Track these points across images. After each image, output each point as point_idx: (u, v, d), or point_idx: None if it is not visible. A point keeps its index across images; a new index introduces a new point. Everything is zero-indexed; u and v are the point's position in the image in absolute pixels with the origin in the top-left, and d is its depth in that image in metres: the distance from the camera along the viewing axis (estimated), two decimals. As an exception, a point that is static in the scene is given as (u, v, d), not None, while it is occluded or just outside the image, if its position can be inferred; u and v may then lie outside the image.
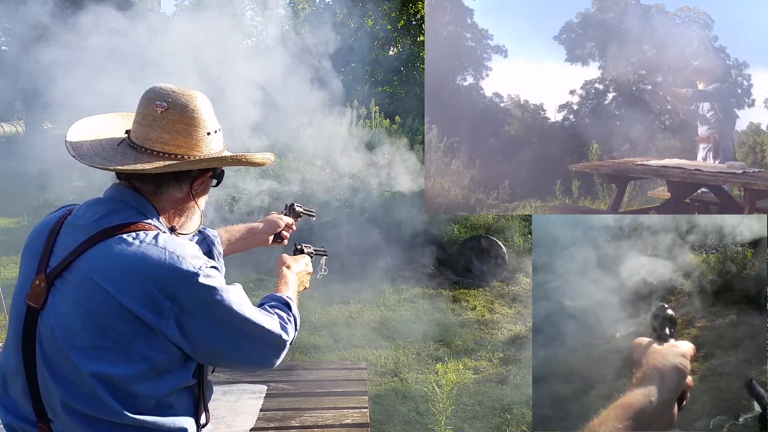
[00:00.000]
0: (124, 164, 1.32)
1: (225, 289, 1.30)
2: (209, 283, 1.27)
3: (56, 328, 1.24)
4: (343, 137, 5.97)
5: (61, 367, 1.25)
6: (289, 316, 1.49)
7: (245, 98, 4.07)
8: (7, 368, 1.33)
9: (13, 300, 1.35)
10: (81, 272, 1.25)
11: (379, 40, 13.94)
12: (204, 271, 1.27)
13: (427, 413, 3.80)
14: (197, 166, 1.37)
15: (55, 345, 1.25)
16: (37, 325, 1.27)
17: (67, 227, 1.33)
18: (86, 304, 1.23)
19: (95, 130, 1.42)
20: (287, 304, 1.53)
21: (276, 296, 1.57)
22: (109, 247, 1.26)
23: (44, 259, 1.29)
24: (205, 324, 1.28)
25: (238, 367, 1.43)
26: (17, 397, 1.32)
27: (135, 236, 1.27)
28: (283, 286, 1.65)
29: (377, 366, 4.73)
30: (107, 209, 1.32)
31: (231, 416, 3.10)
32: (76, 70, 3.75)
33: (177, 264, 1.25)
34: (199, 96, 1.38)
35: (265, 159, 1.48)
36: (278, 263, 1.75)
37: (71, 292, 1.25)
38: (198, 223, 1.48)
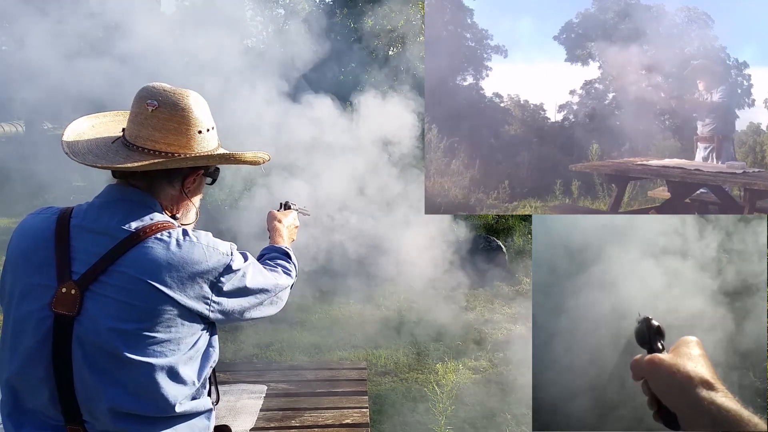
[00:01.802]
0: (115, 162, 1.33)
1: (246, 265, 1.43)
2: (237, 265, 1.39)
3: (104, 332, 1.25)
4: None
5: (110, 369, 1.26)
6: (290, 263, 1.68)
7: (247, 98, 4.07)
8: (23, 382, 1.30)
9: (21, 312, 1.30)
10: (126, 276, 1.26)
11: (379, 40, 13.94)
12: (232, 255, 1.40)
13: (427, 413, 3.80)
14: (185, 164, 1.38)
15: (102, 348, 1.25)
16: (73, 332, 1.26)
17: (79, 232, 1.31)
18: (141, 305, 1.26)
19: (93, 128, 1.44)
20: (286, 253, 1.72)
21: (275, 247, 1.75)
22: (150, 248, 1.29)
23: (64, 266, 1.28)
24: (236, 297, 1.40)
25: (258, 319, 1.58)
26: (39, 407, 1.30)
27: (168, 235, 1.32)
28: (278, 238, 1.83)
29: (377, 366, 4.73)
30: (126, 211, 1.33)
31: (231, 416, 3.10)
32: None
33: (215, 255, 1.35)
34: (191, 95, 1.39)
35: (256, 157, 1.48)
36: (269, 218, 1.92)
37: (118, 296, 1.26)
38: (193, 219, 1.51)
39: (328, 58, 5.73)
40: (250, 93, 4.48)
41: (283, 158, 4.63)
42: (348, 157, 5.03)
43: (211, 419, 1.42)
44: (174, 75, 3.57)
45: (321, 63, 6.02)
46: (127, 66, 4.03)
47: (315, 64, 5.51)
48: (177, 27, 4.75)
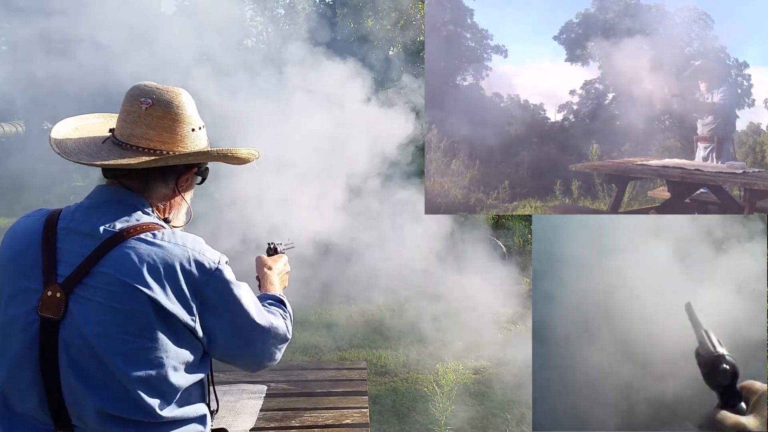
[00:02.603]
0: (110, 160, 1.32)
1: (237, 284, 1.36)
2: (227, 277, 1.33)
3: (89, 336, 1.23)
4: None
5: (95, 373, 1.24)
6: (285, 312, 1.56)
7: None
8: (11, 387, 1.29)
9: (8, 316, 1.29)
10: (108, 277, 1.24)
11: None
12: (222, 265, 1.34)
13: (426, 413, 3.80)
14: (183, 161, 1.38)
15: (86, 352, 1.24)
16: (58, 336, 1.24)
17: (66, 234, 1.30)
18: (121, 307, 1.23)
19: (77, 130, 1.43)
20: (281, 301, 1.60)
21: (268, 295, 1.63)
22: (132, 249, 1.26)
23: (50, 268, 1.27)
24: (223, 318, 1.33)
25: (246, 363, 1.45)
26: (29, 411, 1.29)
27: (153, 236, 1.29)
28: (269, 286, 1.70)
29: (377, 366, 4.73)
30: (113, 212, 1.32)
31: (231, 416, 3.10)
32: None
33: (200, 260, 1.30)
34: (183, 93, 1.40)
35: (249, 154, 1.48)
36: (258, 264, 1.78)
37: (100, 298, 1.24)
38: (187, 217, 1.50)
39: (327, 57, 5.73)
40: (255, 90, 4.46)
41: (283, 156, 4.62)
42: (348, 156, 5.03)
43: (206, 425, 1.39)
44: (175, 75, 3.57)
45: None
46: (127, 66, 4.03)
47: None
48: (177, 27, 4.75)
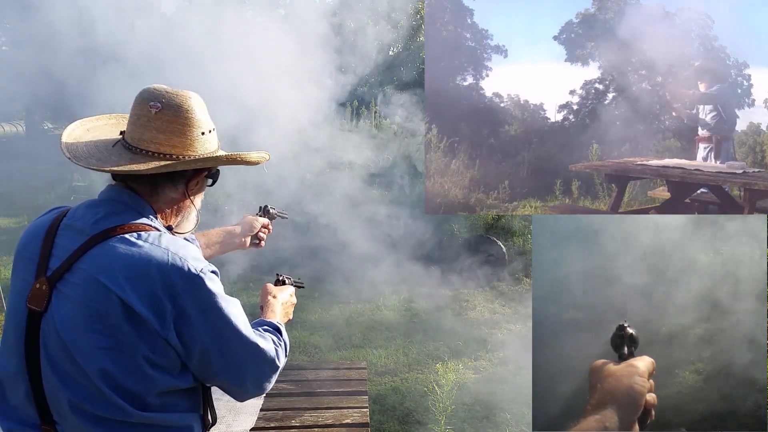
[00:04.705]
0: (120, 165, 1.32)
1: (224, 297, 1.30)
2: (210, 287, 1.27)
3: (61, 331, 1.24)
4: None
5: (67, 368, 1.24)
6: (279, 340, 1.48)
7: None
8: (6, 375, 1.32)
9: (9, 305, 1.33)
10: (85, 273, 1.24)
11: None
12: (206, 274, 1.27)
13: (427, 413, 3.80)
14: (192, 166, 1.37)
15: (60, 347, 1.24)
16: (40, 329, 1.26)
17: (65, 229, 1.32)
18: (92, 305, 1.23)
19: (89, 132, 1.42)
20: (278, 329, 1.52)
21: (266, 321, 1.56)
22: (112, 247, 1.25)
23: (43, 262, 1.28)
24: (201, 329, 1.26)
25: (230, 385, 1.37)
26: (19, 403, 1.31)
27: (137, 236, 1.27)
28: (270, 314, 1.64)
29: (377, 366, 4.73)
30: (106, 210, 1.32)
31: (231, 416, 3.10)
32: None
33: (180, 265, 1.25)
34: (192, 96, 1.38)
35: (260, 158, 1.47)
36: (264, 293, 1.73)
37: (75, 294, 1.24)
38: (195, 222, 1.48)
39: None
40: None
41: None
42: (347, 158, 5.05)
43: None
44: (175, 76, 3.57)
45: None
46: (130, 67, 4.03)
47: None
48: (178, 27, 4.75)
